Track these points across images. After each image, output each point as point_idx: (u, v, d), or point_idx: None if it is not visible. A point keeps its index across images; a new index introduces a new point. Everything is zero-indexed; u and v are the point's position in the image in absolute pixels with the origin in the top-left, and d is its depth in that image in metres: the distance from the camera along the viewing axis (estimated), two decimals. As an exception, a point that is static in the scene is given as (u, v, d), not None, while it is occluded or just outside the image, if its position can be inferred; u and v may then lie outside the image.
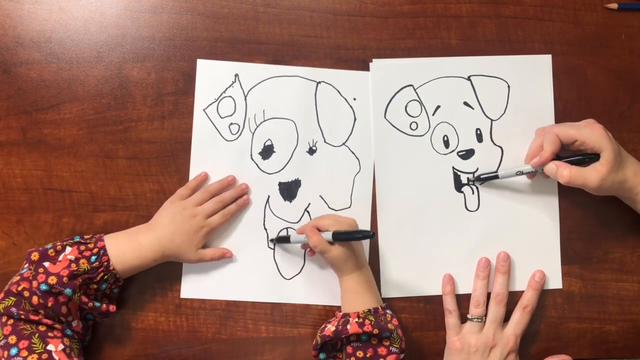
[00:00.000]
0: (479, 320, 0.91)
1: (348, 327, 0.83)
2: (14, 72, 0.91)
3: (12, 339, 0.78)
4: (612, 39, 0.95)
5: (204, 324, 0.92)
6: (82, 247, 0.83)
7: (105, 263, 0.83)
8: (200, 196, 0.90)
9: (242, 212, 0.92)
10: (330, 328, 0.85)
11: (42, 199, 0.91)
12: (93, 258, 0.83)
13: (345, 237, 0.84)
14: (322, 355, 0.87)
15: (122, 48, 0.92)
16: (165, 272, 0.91)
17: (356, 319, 0.84)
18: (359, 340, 0.84)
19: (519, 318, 0.91)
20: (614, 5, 0.95)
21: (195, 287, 0.92)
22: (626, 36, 0.96)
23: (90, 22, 0.92)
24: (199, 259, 0.89)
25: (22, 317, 0.79)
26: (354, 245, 0.86)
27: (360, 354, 0.84)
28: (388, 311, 0.87)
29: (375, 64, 0.93)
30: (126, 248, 0.85)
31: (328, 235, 0.84)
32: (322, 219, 0.87)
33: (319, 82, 0.93)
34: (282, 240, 0.91)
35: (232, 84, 0.93)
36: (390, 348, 0.84)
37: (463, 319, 0.93)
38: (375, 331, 0.83)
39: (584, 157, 0.86)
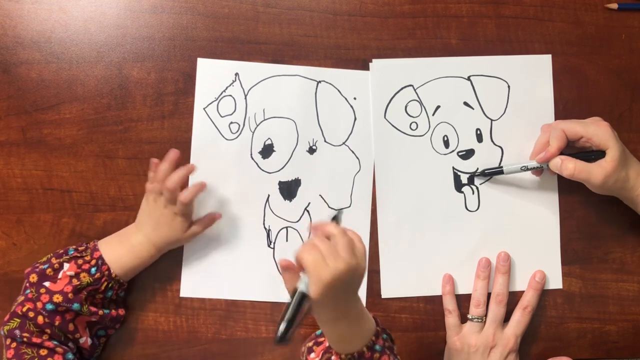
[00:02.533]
0: (479, 320, 0.91)
1: None
2: (14, 72, 0.91)
3: None
4: (612, 39, 0.95)
5: (204, 324, 0.92)
6: (80, 261, 0.83)
7: (107, 272, 0.83)
8: (154, 186, 0.85)
9: (241, 209, 0.92)
10: (314, 358, 0.78)
11: (42, 199, 0.91)
12: (93, 270, 0.82)
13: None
14: None
15: (122, 48, 0.92)
16: (165, 272, 0.91)
17: None
18: None
19: (519, 318, 0.91)
20: (614, 6, 0.95)
21: (194, 286, 0.92)
22: (626, 36, 0.96)
23: (90, 22, 0.92)
24: (192, 235, 0.87)
25: (25, 340, 0.79)
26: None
27: None
28: (377, 346, 0.76)
29: (375, 64, 0.93)
30: (121, 252, 0.85)
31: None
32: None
33: (319, 82, 0.93)
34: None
35: (232, 83, 0.93)
36: None
37: (463, 319, 0.93)
38: None
39: (590, 153, 0.86)
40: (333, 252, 0.69)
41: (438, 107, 0.94)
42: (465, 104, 0.94)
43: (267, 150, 0.93)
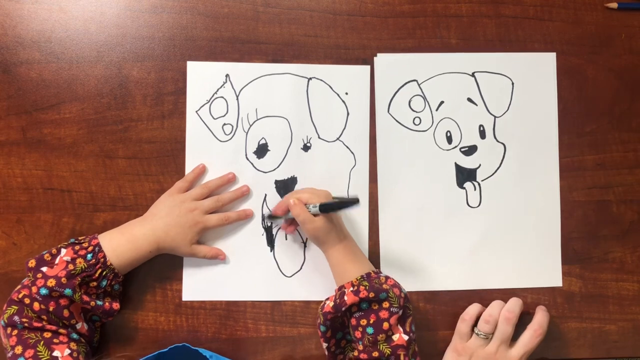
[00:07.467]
0: (485, 337, 0.89)
1: (345, 298, 0.83)
2: (14, 72, 0.91)
3: (19, 350, 0.77)
4: (612, 39, 0.96)
5: (204, 323, 0.92)
6: (77, 247, 0.83)
7: (102, 259, 0.83)
8: (199, 191, 0.90)
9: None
10: (329, 304, 0.85)
11: (42, 199, 0.91)
12: (89, 256, 0.83)
13: (334, 207, 0.84)
14: (322, 328, 0.86)
15: (122, 48, 0.92)
16: (165, 272, 0.91)
17: (351, 288, 0.84)
18: (360, 310, 0.84)
19: (528, 340, 0.88)
20: (614, 5, 0.95)
21: (196, 289, 0.92)
22: (626, 36, 0.96)
23: (90, 22, 0.92)
24: (192, 253, 0.89)
25: (26, 325, 0.79)
26: (335, 217, 0.86)
27: (364, 321, 0.84)
28: (381, 274, 0.87)
29: (380, 58, 0.94)
30: (120, 242, 0.85)
31: (312, 209, 0.84)
32: (300, 192, 0.87)
33: (310, 79, 0.94)
34: (272, 217, 0.92)
35: (223, 85, 0.93)
36: (391, 309, 0.83)
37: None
38: (372, 295, 0.83)
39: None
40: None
41: (442, 102, 0.94)
42: (469, 100, 0.94)
43: (261, 150, 0.93)
